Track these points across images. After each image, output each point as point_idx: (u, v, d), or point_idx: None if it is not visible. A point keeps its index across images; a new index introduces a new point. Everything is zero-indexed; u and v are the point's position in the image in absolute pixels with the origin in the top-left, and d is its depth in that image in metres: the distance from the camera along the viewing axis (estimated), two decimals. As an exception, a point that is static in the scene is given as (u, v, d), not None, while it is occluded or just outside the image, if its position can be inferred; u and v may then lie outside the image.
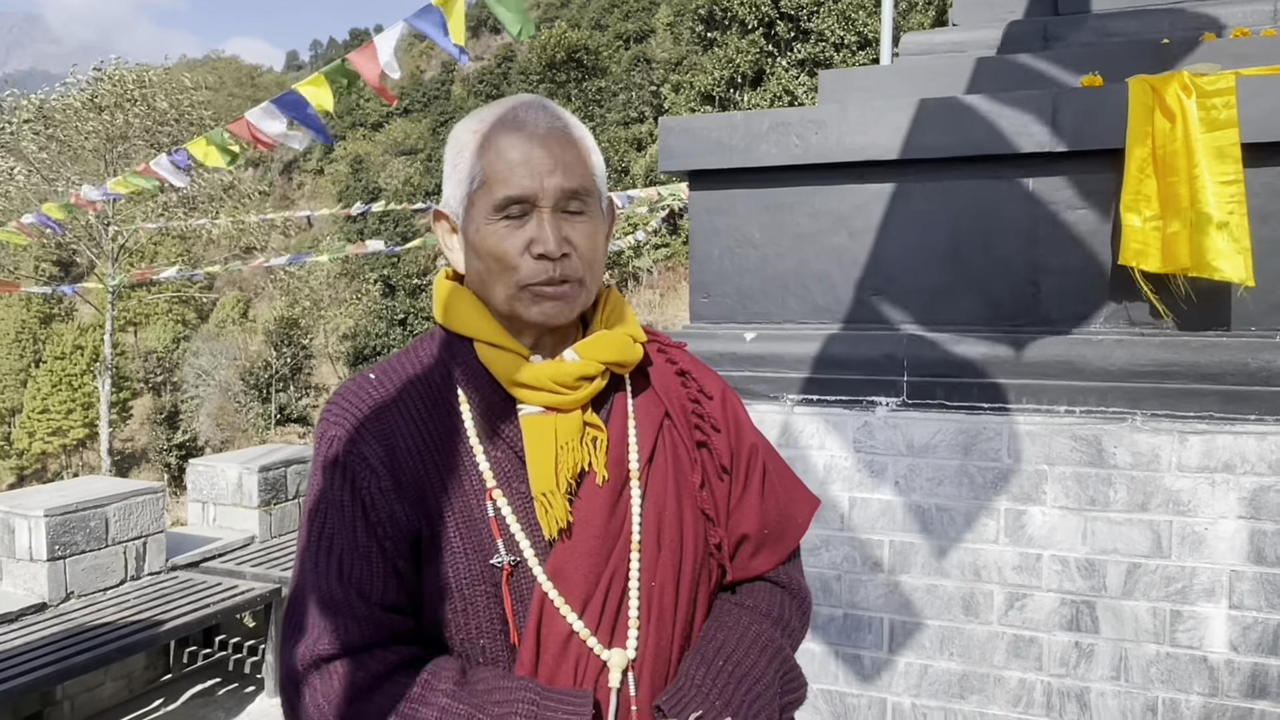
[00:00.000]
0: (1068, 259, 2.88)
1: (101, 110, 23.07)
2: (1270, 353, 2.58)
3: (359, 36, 75.77)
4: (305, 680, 1.08)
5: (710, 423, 1.30)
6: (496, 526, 1.13)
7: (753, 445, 1.35)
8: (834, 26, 30.78)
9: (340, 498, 1.13)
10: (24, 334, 42.62)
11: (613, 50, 45.94)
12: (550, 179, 1.14)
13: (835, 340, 3.04)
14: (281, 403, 36.54)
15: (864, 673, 2.90)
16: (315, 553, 1.13)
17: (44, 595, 5.51)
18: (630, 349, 1.24)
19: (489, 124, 1.18)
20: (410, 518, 1.13)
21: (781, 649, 1.26)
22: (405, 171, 50.91)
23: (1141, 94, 2.69)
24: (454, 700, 1.05)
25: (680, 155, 3.26)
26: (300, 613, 1.12)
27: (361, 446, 1.14)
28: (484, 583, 1.12)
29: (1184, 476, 2.59)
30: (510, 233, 1.15)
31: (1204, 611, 2.57)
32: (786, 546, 1.35)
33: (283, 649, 1.12)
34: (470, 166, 1.17)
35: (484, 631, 1.13)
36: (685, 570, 1.21)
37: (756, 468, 1.34)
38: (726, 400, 1.37)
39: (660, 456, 1.24)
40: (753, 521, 1.30)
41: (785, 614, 1.31)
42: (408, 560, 1.13)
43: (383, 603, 1.11)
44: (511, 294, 1.16)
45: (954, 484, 2.80)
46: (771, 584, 1.33)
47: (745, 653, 1.22)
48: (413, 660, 1.11)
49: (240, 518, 7.06)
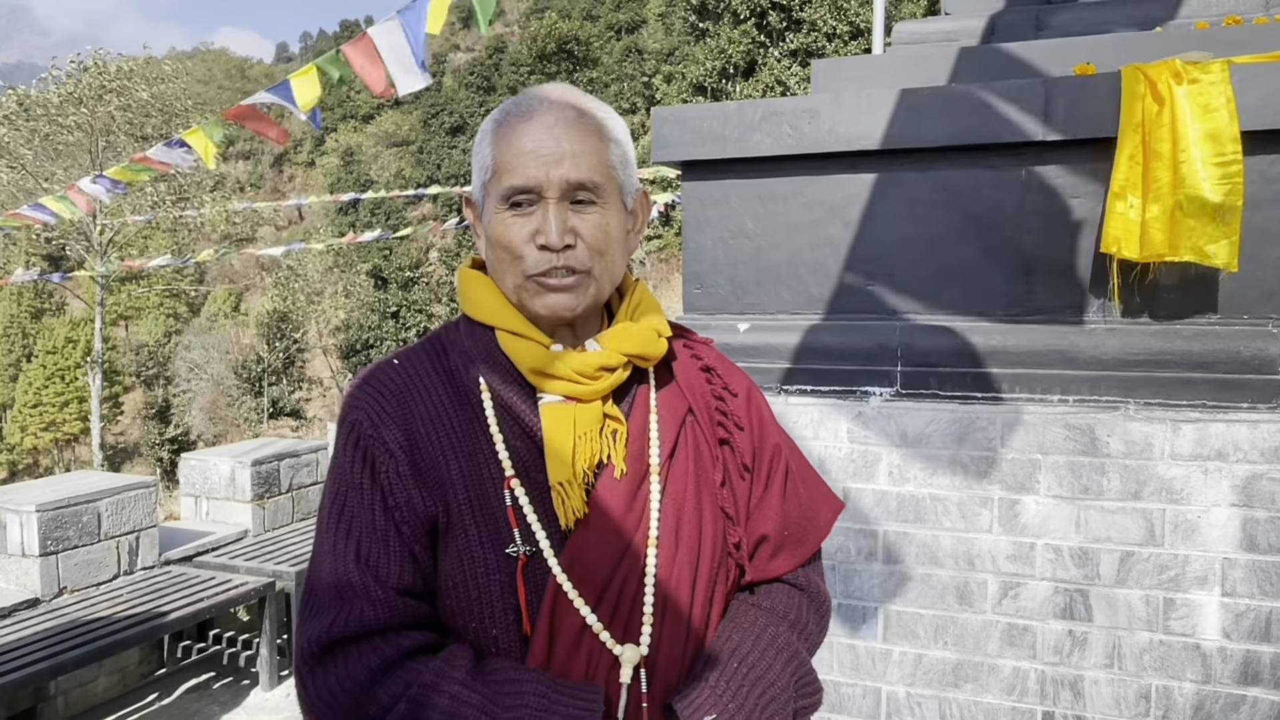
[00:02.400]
0: (1060, 248, 2.88)
1: (82, 103, 22.86)
2: (1262, 341, 2.59)
3: (349, 28, 75.38)
4: (319, 661, 1.09)
5: (734, 420, 1.28)
6: (513, 515, 1.13)
7: (775, 445, 1.33)
8: (826, 16, 30.68)
9: (360, 481, 1.15)
10: (14, 328, 42.39)
11: (604, 41, 45.77)
12: (556, 170, 1.14)
13: (829, 330, 3.04)
14: (274, 396, 36.43)
15: (858, 662, 2.91)
16: (334, 535, 1.14)
17: (36, 590, 5.49)
18: (654, 342, 1.22)
19: (507, 112, 1.19)
20: (428, 503, 1.13)
21: (798, 653, 1.24)
22: (396, 163, 50.71)
23: (1134, 82, 2.68)
24: (466, 689, 1.05)
25: (673, 146, 3.24)
26: (317, 594, 1.13)
27: (382, 431, 1.15)
28: (499, 572, 1.12)
29: (1177, 465, 2.59)
30: (517, 222, 1.15)
31: (1197, 599, 2.58)
32: (807, 549, 1.33)
33: (298, 629, 1.13)
34: (486, 156, 1.18)
35: (496, 621, 1.13)
36: (703, 568, 1.20)
37: (779, 468, 1.32)
38: (751, 398, 1.34)
39: (681, 452, 1.23)
40: (773, 522, 1.29)
41: (803, 618, 1.29)
42: (424, 546, 1.14)
43: (399, 587, 1.12)
44: (518, 284, 1.17)
45: (948, 473, 2.80)
46: (790, 586, 1.32)
47: (760, 656, 1.20)
48: (427, 646, 1.11)
49: (233, 512, 7.05)
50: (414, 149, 52.71)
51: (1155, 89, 2.66)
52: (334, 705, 1.08)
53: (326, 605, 1.11)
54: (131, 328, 45.75)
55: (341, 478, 1.16)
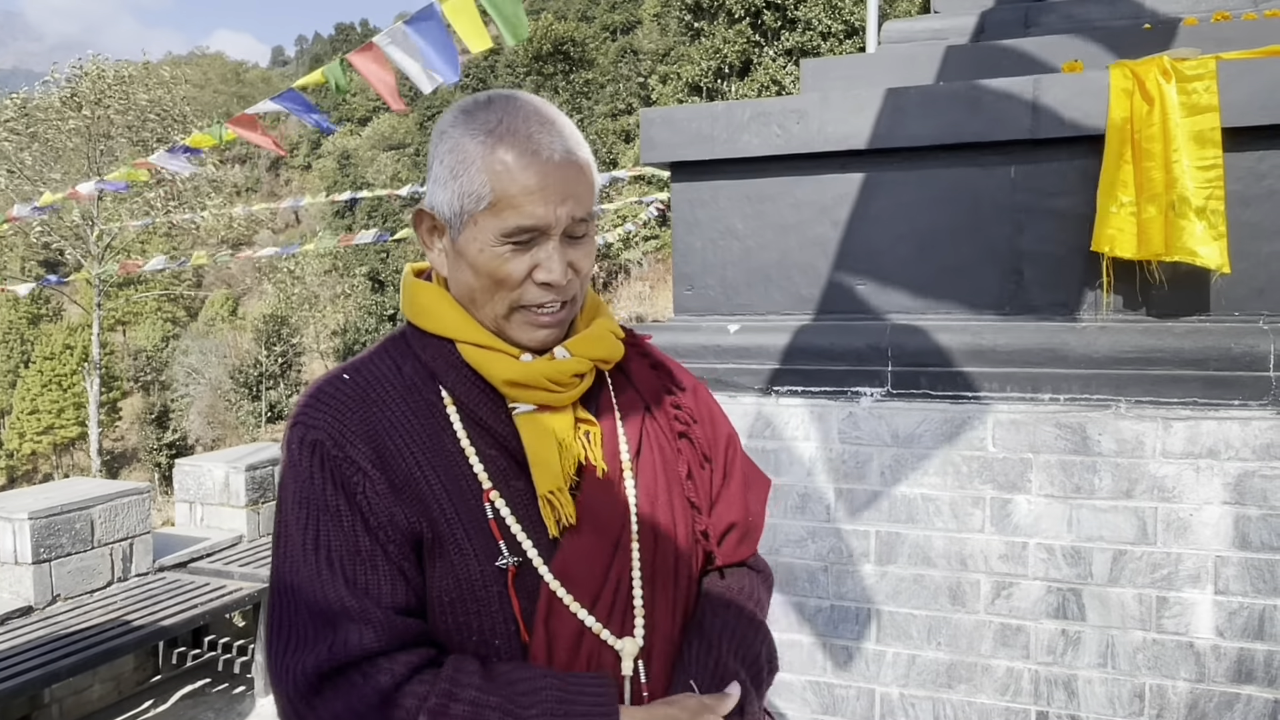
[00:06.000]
0: (1050, 246, 2.87)
1: (81, 107, 22.86)
2: (1253, 338, 2.58)
3: (345, 31, 75.32)
4: (317, 691, 1.05)
5: (688, 413, 1.33)
6: (496, 528, 1.13)
7: (729, 435, 1.40)
8: (821, 15, 30.70)
9: (333, 503, 1.10)
10: (12, 335, 42.35)
11: (599, 42, 45.75)
12: (563, 208, 1.12)
13: (819, 331, 3.02)
14: (272, 400, 36.40)
15: (851, 663, 2.90)
16: (314, 562, 1.09)
17: (30, 598, 5.47)
18: (616, 345, 1.26)
19: (498, 137, 1.11)
20: (410, 520, 1.11)
21: (764, 628, 1.34)
22: (393, 166, 50.69)
23: (1122, 79, 2.67)
24: (483, 693, 1.05)
25: (662, 147, 3.23)
26: (297, 623, 1.08)
27: (348, 449, 1.11)
28: (493, 585, 1.12)
29: (1168, 463, 2.58)
30: (515, 257, 1.13)
31: (1190, 597, 2.56)
32: (758, 529, 1.40)
33: (282, 660, 1.07)
34: (477, 183, 1.11)
35: (498, 632, 1.12)
36: (681, 557, 1.25)
37: (735, 457, 1.39)
38: (698, 392, 1.41)
39: (646, 448, 1.26)
40: (738, 510, 1.35)
41: (763, 598, 1.39)
42: (412, 563, 1.12)
43: (394, 606, 1.10)
44: (503, 314, 1.16)
45: (939, 473, 2.79)
46: (749, 569, 1.39)
47: (743, 634, 1.28)
48: (430, 662, 1.10)
49: (228, 517, 7.03)
50: (410, 151, 52.71)
51: (1144, 86, 2.65)
52: None
53: (314, 634, 1.06)
54: (129, 333, 45.74)
55: (310, 501, 1.10)
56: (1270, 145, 2.65)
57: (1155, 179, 2.61)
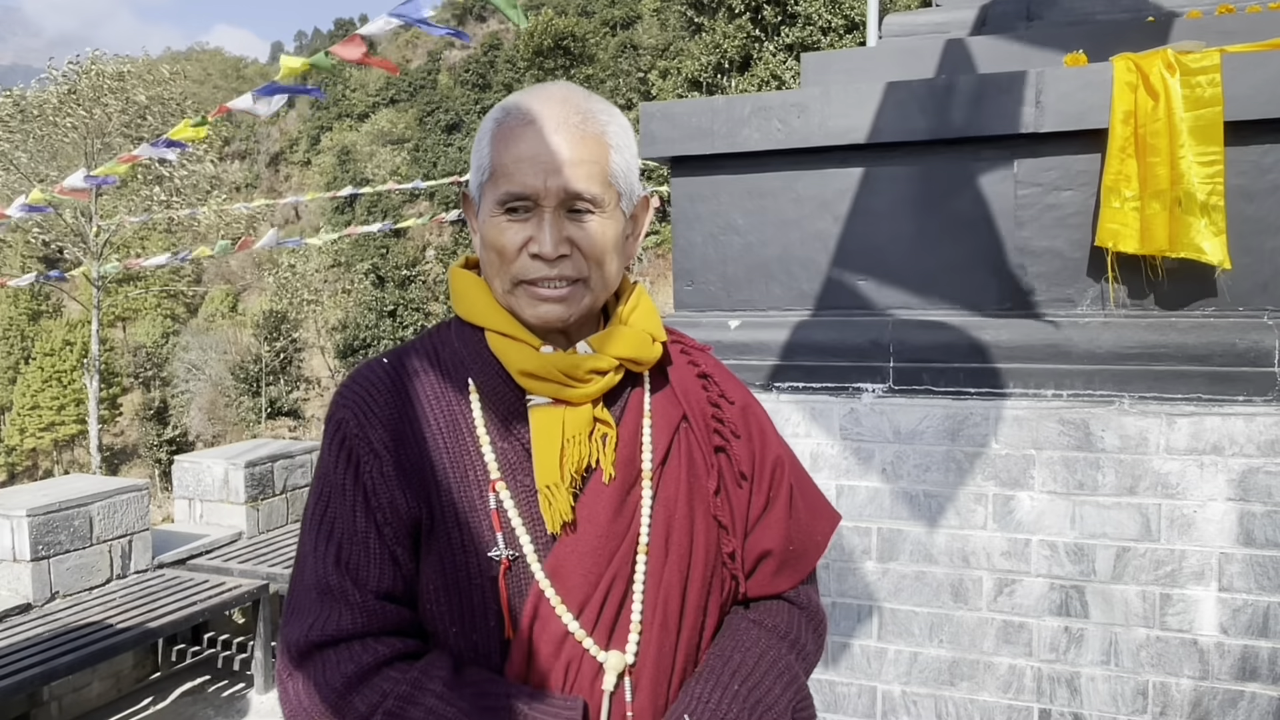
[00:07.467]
0: (1053, 241, 2.84)
1: (79, 104, 22.80)
2: (1258, 333, 2.56)
3: (344, 26, 75.16)
4: (297, 666, 1.07)
5: (730, 428, 1.25)
6: (497, 519, 1.11)
7: (778, 458, 1.30)
8: (821, 10, 30.63)
9: (343, 482, 1.12)
10: (12, 331, 42.37)
11: (599, 37, 45.68)
12: (554, 179, 1.09)
13: (820, 326, 3.00)
14: (272, 396, 36.40)
15: (853, 661, 2.88)
16: (315, 536, 1.12)
17: (28, 596, 5.45)
18: (647, 346, 1.20)
19: (508, 111, 1.14)
20: (411, 505, 1.11)
21: (797, 676, 1.22)
22: (393, 161, 50.65)
23: (1125, 72, 2.65)
24: (443, 701, 1.03)
25: (661, 141, 3.21)
26: (298, 595, 1.11)
27: (368, 430, 1.13)
28: (481, 576, 1.10)
29: (1172, 459, 2.56)
30: (512, 227, 1.12)
31: (1194, 594, 2.55)
32: (807, 565, 1.31)
33: (281, 630, 1.12)
34: (483, 155, 1.15)
35: (478, 627, 1.11)
36: (694, 577, 1.18)
37: (782, 482, 1.29)
38: (750, 409, 1.31)
39: (675, 459, 1.20)
40: (778, 538, 1.27)
41: (802, 637, 1.27)
42: (406, 548, 1.12)
43: (378, 590, 1.09)
44: (507, 289, 1.14)
45: (941, 470, 2.77)
46: (789, 604, 1.29)
47: (761, 677, 1.18)
48: (405, 653, 1.09)
49: (227, 514, 7.01)
50: (410, 146, 52.66)
51: (1148, 80, 2.62)
52: (311, 713, 1.05)
53: (307, 607, 1.09)
54: (129, 329, 45.73)
55: (326, 478, 1.14)
56: (1275, 139, 2.63)
57: (1160, 174, 2.59)
